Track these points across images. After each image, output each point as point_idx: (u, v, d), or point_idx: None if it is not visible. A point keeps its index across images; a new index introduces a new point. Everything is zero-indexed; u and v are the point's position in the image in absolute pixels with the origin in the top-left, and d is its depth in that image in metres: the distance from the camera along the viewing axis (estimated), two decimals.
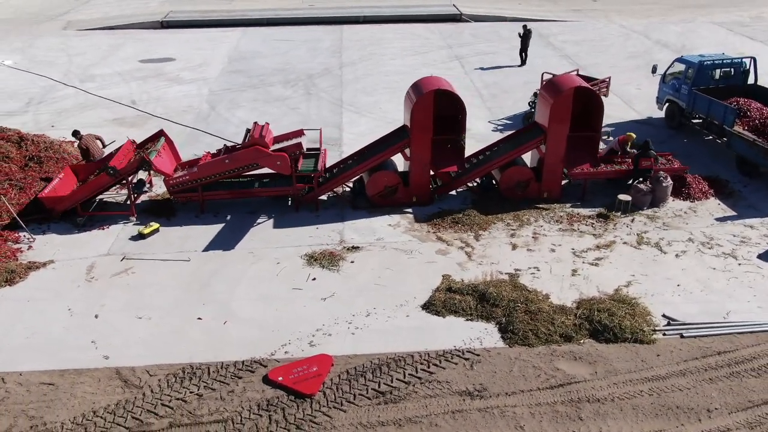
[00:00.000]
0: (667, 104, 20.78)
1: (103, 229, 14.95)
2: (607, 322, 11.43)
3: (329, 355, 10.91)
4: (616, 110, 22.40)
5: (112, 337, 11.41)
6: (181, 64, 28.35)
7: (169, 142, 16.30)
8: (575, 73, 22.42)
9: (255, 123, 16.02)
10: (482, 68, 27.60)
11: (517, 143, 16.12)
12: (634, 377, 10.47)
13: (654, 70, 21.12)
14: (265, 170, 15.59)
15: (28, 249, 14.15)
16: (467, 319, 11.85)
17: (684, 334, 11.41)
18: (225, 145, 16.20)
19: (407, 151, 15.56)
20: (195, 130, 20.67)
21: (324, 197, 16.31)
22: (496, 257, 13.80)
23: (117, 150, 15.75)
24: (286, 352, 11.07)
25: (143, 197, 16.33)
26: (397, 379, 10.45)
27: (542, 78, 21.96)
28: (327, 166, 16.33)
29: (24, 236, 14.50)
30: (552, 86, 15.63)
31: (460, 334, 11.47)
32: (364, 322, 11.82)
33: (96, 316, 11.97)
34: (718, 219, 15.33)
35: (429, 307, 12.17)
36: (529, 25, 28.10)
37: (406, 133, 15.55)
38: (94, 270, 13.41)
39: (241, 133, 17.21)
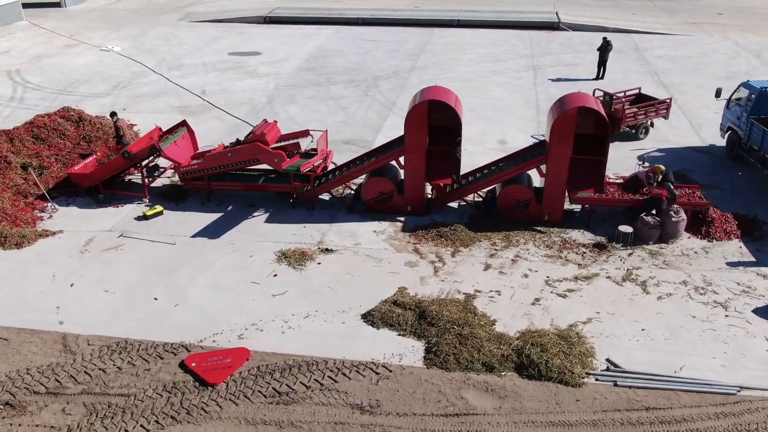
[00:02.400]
0: (728, 132, 18.92)
1: (118, 207, 16.32)
2: (535, 357, 10.83)
3: (248, 349, 11.29)
4: (677, 134, 20.77)
5: (74, 305, 12.54)
6: (263, 59, 29.84)
7: (191, 133, 17.42)
8: (637, 91, 21.09)
9: (264, 120, 16.68)
10: (555, 79, 26.53)
11: (520, 161, 15.50)
12: (539, 419, 9.89)
13: (718, 94, 19.26)
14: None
15: (48, 218, 15.80)
16: (399, 334, 11.73)
17: (618, 383, 10.55)
18: (237, 138, 17.02)
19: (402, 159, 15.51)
20: (243, 122, 21.79)
21: (326, 197, 16.68)
22: (462, 276, 13.46)
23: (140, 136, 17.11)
24: (213, 341, 11.60)
25: (164, 181, 17.55)
26: (300, 382, 10.62)
27: (593, 94, 20.77)
28: (332, 167, 16.68)
29: (50, 206, 16.18)
30: (559, 104, 14.87)
31: (385, 348, 11.38)
32: (299, 323, 12.07)
33: (71, 285, 13.18)
34: (729, 263, 13.86)
35: (367, 316, 12.17)
36: (632, 37, 26.51)
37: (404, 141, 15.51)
38: (91, 243, 14.72)
39: (286, 127, 17.96)
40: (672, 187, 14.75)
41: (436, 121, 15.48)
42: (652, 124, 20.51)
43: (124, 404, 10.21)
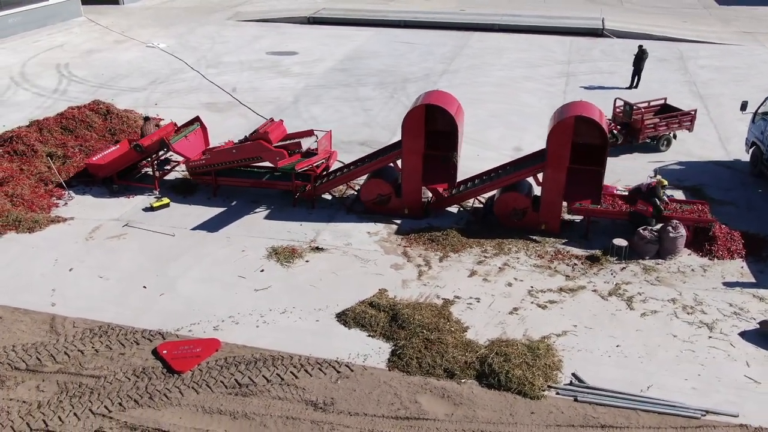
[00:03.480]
0: (752, 147, 18.15)
1: (129, 197, 17.02)
2: (497, 367, 10.75)
3: (219, 340, 11.64)
4: (703, 147, 20.07)
5: (69, 289, 13.20)
6: (299, 59, 30.38)
7: (203, 129, 17.97)
8: (663, 102, 20.49)
9: (271, 119, 17.06)
10: (587, 87, 25.98)
11: (518, 168, 15.34)
12: (489, 429, 9.83)
13: (743, 107, 18.49)
14: None
15: (63, 205, 16.62)
16: (369, 335, 11.84)
17: (579, 398, 10.36)
18: (245, 135, 17.46)
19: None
20: (264, 119, 22.29)
21: (328, 197, 16.94)
22: (445, 281, 13.45)
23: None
24: (189, 331, 12.00)
25: (178, 175, 18.17)
26: (262, 375, 10.88)
27: (614, 104, 20.33)
28: (335, 167, 16.94)
29: (67, 194, 17.03)
30: (559, 112, 14.64)
31: (352, 347, 11.52)
32: (274, 318, 12.34)
33: (70, 270, 13.87)
34: (726, 283, 13.34)
35: (341, 316, 12.33)
36: (678, 45, 25.73)
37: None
38: (97, 231, 15.42)
39: (306, 126, 18.34)
40: (658, 202, 14.33)
41: (440, 126, 15.47)
42: (674, 136, 19.87)
43: (94, 385, 10.71)
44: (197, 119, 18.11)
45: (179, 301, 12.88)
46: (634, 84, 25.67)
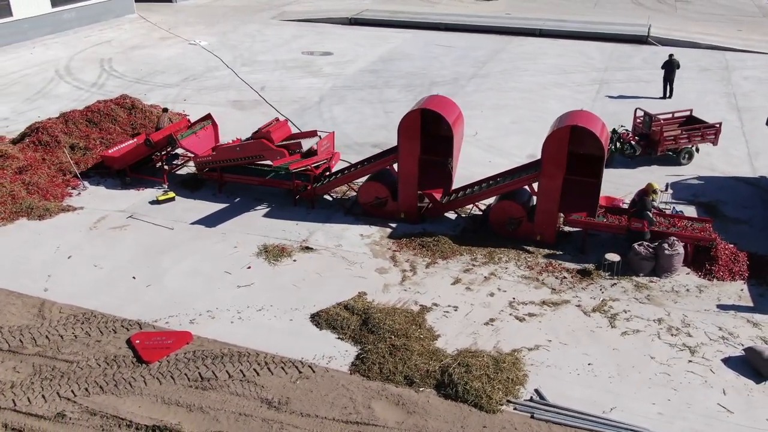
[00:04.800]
0: None
1: (139, 190, 17.57)
2: (456, 377, 10.60)
3: (191, 333, 11.89)
4: (728, 162, 19.22)
5: (64, 276, 13.74)
6: (332, 59, 30.64)
7: (214, 126, 18.37)
8: (688, 113, 19.73)
9: (276, 118, 17.29)
10: (617, 96, 25.23)
11: (515, 177, 15.06)
12: None
13: None
14: None
15: (77, 195, 17.30)
16: (338, 337, 11.87)
17: (536, 415, 10.11)
18: (253, 133, 17.73)
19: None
20: (287, 119, 22.60)
21: (330, 197, 17.05)
22: (427, 287, 13.34)
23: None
24: (166, 322, 12.31)
25: (190, 170, 18.62)
26: (226, 370, 11.06)
27: (635, 113, 19.69)
28: (336, 168, 17.04)
29: (82, 184, 17.72)
30: (558, 121, 14.31)
31: (319, 348, 11.57)
32: (250, 315, 12.52)
33: (69, 257, 14.44)
34: (720, 306, 12.74)
35: (315, 317, 12.40)
36: (725, 54, 24.74)
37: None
38: (102, 221, 15.99)
39: (325, 126, 18.94)
40: (650, 214, 13.79)
41: (441, 131, 15.38)
42: (697, 150, 19.07)
43: (66, 369, 11.12)
44: (208, 116, 18.52)
45: (164, 293, 13.22)
46: (668, 94, 24.76)
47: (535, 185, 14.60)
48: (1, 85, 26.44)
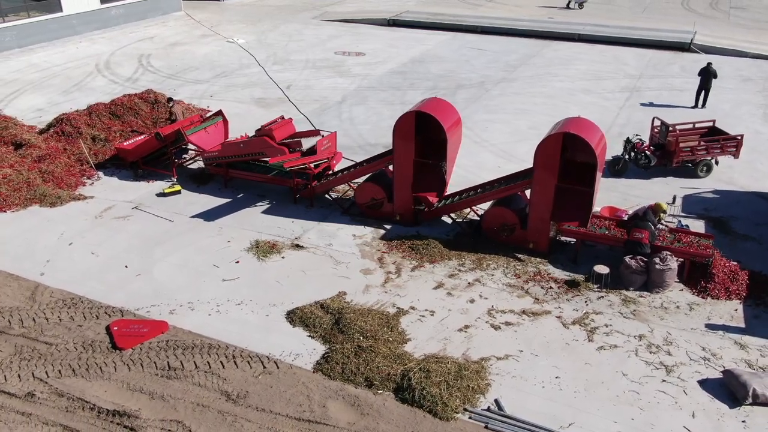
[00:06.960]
0: None
1: (149, 182, 18.09)
2: (415, 382, 10.52)
3: (167, 323, 12.18)
4: (749, 176, 18.41)
5: (62, 262, 14.28)
6: (363, 60, 30.79)
7: (224, 122, 18.75)
8: (711, 124, 19.00)
9: (281, 117, 17.52)
10: (647, 104, 24.48)
11: (508, 183, 14.82)
12: None
13: None
14: None
15: (90, 185, 17.96)
16: (309, 335, 11.95)
17: (489, 425, 9.94)
18: (256, 130, 18.00)
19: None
20: (305, 117, 22.89)
21: (329, 197, 17.16)
22: (408, 291, 13.28)
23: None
24: (147, 312, 12.65)
25: (199, 165, 19.06)
26: (193, 361, 11.28)
27: (652, 122, 19.07)
28: (337, 168, 17.15)
29: (96, 175, 18.38)
30: (552, 129, 13.99)
31: (288, 345, 11.67)
32: (228, 308, 12.73)
33: (70, 244, 15.00)
34: (709, 325, 12.22)
35: (290, 314, 12.51)
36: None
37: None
38: (108, 211, 16.54)
39: (341, 126, 19.57)
40: (653, 228, 13.30)
41: (440, 135, 15.28)
42: (716, 162, 18.31)
43: (44, 351, 11.57)
44: (219, 112, 18.91)
45: (152, 283, 13.58)
46: (700, 103, 23.85)
47: (523, 192, 14.32)
48: (43, 78, 27.66)
